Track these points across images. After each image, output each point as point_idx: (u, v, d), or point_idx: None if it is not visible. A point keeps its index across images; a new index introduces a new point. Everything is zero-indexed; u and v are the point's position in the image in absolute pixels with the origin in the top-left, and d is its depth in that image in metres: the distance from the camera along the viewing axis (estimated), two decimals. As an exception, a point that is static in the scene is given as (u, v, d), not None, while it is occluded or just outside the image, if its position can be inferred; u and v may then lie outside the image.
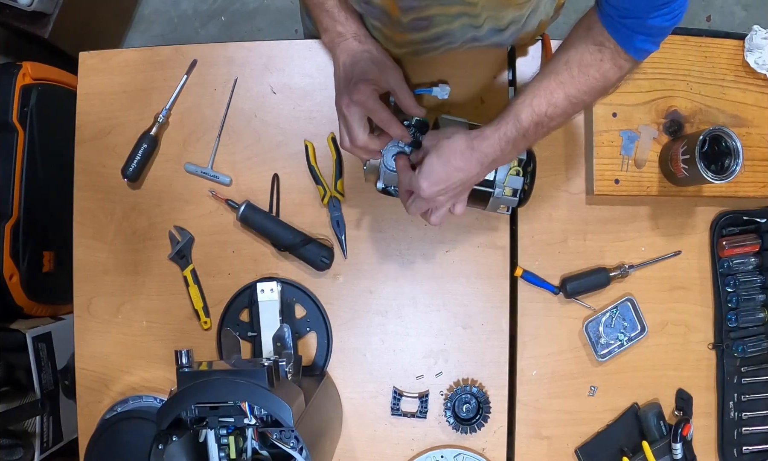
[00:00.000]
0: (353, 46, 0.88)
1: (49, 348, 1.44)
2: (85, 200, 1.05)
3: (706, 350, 1.03)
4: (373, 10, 0.85)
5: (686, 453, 0.97)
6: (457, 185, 0.79)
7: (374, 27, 0.91)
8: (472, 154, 0.77)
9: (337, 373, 1.03)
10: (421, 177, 0.78)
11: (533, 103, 0.75)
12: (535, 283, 1.02)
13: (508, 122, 0.76)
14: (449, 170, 0.77)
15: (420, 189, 0.79)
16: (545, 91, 0.75)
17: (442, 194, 0.79)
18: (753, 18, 2.08)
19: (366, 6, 0.85)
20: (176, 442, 0.77)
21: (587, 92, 0.76)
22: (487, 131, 0.77)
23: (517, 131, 0.76)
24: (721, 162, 0.93)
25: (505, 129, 0.76)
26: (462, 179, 0.78)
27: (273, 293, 0.98)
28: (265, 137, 1.04)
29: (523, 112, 0.75)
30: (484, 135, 0.77)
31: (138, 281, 1.04)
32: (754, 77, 1.02)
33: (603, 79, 0.75)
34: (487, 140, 0.77)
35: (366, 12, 0.88)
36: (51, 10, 1.66)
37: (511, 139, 0.76)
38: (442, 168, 0.78)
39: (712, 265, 1.03)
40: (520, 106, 0.76)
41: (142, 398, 1.01)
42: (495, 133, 0.77)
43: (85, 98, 1.06)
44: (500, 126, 0.76)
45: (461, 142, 0.77)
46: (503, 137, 0.76)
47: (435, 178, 0.78)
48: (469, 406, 1.00)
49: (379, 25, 0.89)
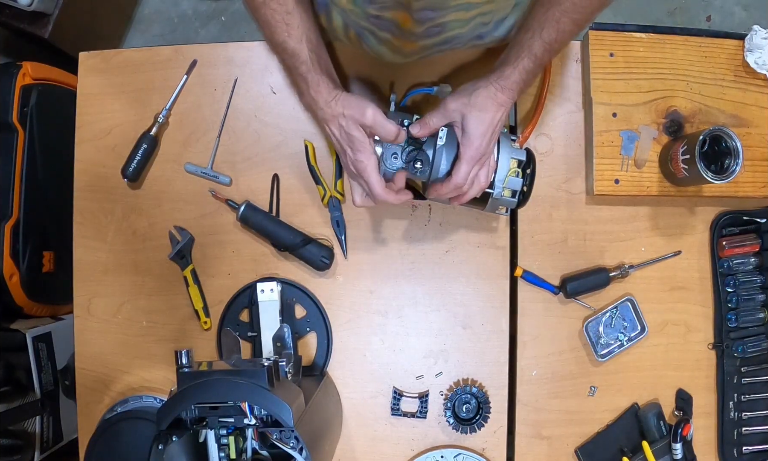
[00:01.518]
0: (336, 111, 0.83)
1: (49, 348, 1.44)
2: (85, 200, 1.05)
3: (706, 350, 1.03)
4: (383, 24, 0.86)
5: (686, 453, 0.97)
6: (497, 127, 0.82)
7: (382, 39, 0.91)
8: (502, 93, 0.81)
9: (337, 373, 1.03)
10: (473, 136, 0.81)
11: (543, 35, 0.79)
12: (535, 283, 1.02)
13: (524, 58, 0.80)
14: (490, 114, 0.81)
15: (477, 149, 0.81)
16: (551, 21, 0.79)
17: (492, 140, 0.83)
18: (753, 18, 2.08)
19: (375, 20, 0.85)
20: (176, 442, 0.77)
21: (592, 11, 0.79)
22: (506, 71, 0.81)
23: (533, 63, 0.81)
24: (721, 162, 0.93)
25: (523, 64, 0.80)
26: (500, 117, 0.82)
27: (273, 293, 0.98)
28: (265, 137, 1.04)
29: (536, 45, 0.80)
30: (505, 75, 0.81)
31: (138, 281, 1.04)
32: (754, 77, 1.02)
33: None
34: (510, 77, 0.81)
35: (375, 25, 0.88)
36: (51, 10, 1.66)
37: (530, 70, 0.81)
38: (484, 117, 0.80)
39: (712, 265, 1.03)
40: (532, 40, 0.80)
41: (142, 398, 1.01)
42: (514, 70, 0.81)
43: (85, 98, 1.06)
44: (517, 63, 0.80)
45: (490, 89, 0.81)
46: (522, 71, 0.81)
47: (482, 130, 0.81)
48: (469, 406, 1.00)
49: (389, 37, 0.89)
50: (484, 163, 0.84)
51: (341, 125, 0.82)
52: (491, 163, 0.86)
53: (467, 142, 0.81)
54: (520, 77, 0.81)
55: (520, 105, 1.05)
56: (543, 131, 1.04)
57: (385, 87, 1.04)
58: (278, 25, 0.81)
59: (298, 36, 0.81)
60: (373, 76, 1.04)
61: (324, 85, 0.82)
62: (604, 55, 1.00)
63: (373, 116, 0.80)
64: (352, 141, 0.82)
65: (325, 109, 0.83)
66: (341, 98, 0.82)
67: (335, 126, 0.83)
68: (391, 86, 1.04)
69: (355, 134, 0.81)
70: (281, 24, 0.81)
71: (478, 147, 0.81)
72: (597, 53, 1.00)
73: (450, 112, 0.82)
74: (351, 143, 0.82)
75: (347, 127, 0.81)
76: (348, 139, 0.82)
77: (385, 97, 1.03)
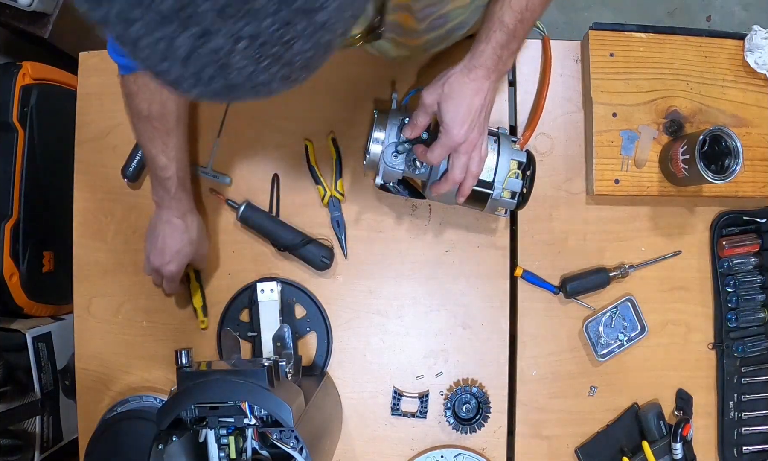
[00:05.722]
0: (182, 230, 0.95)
1: (49, 348, 1.44)
2: (85, 200, 1.05)
3: (706, 350, 1.03)
4: (386, 26, 0.85)
5: (686, 453, 0.97)
6: (480, 112, 0.80)
7: (387, 38, 0.90)
8: (476, 73, 0.78)
9: (337, 373, 1.03)
10: (449, 126, 0.79)
11: (512, 5, 0.76)
12: (535, 283, 1.02)
13: (495, 30, 0.77)
14: (467, 101, 0.78)
15: (453, 137, 0.79)
16: None
17: (472, 128, 0.80)
18: (753, 18, 2.08)
19: None
20: (176, 442, 0.77)
21: None
22: (479, 48, 0.78)
23: (506, 35, 0.77)
24: (721, 162, 0.93)
25: (494, 38, 0.77)
26: (480, 102, 0.79)
27: (273, 293, 0.98)
28: (265, 137, 1.04)
29: (506, 15, 0.76)
30: (477, 52, 0.78)
31: (138, 281, 1.04)
32: (754, 77, 1.02)
33: None
34: (483, 54, 0.77)
35: None
36: (51, 10, 1.65)
37: (504, 43, 0.77)
38: (460, 104, 0.78)
39: (712, 265, 1.03)
40: (501, 10, 0.76)
41: (142, 398, 1.01)
42: (487, 45, 0.77)
43: (85, 98, 1.06)
44: (489, 36, 0.77)
45: (461, 73, 0.78)
46: (496, 45, 0.77)
47: (461, 118, 0.78)
48: (469, 406, 1.00)
49: (393, 36, 0.89)
50: (472, 151, 0.82)
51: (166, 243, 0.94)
52: (483, 151, 0.83)
53: (444, 130, 0.79)
54: (494, 52, 0.77)
55: (520, 105, 1.05)
56: (543, 131, 1.04)
57: (386, 86, 1.04)
58: (156, 141, 0.88)
59: (171, 155, 0.89)
60: (374, 76, 1.04)
61: (176, 204, 0.93)
62: (604, 55, 1.00)
63: (169, 276, 0.94)
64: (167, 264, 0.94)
65: (172, 219, 0.93)
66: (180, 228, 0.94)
67: (162, 236, 0.94)
68: (393, 85, 1.04)
69: (174, 270, 0.94)
70: (158, 141, 0.88)
71: (456, 135, 0.79)
72: (597, 53, 1.00)
73: (428, 107, 0.81)
74: (165, 263, 0.94)
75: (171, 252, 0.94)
76: (165, 255, 0.94)
77: (386, 96, 1.03)
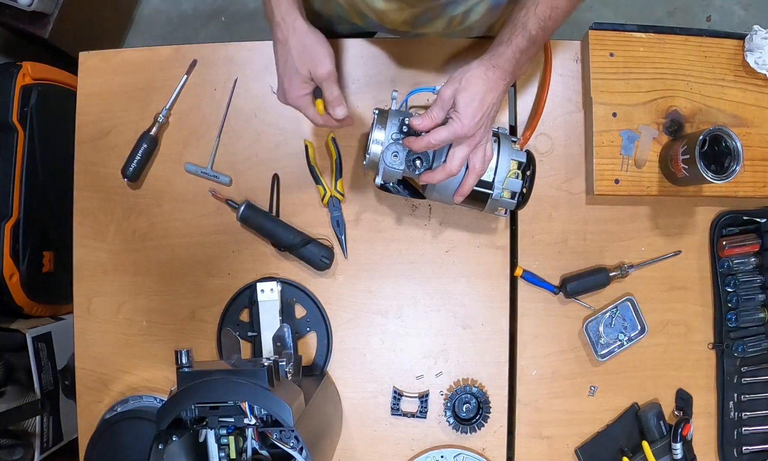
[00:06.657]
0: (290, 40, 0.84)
1: (49, 348, 1.44)
2: (85, 200, 1.05)
3: (706, 350, 1.03)
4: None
5: (686, 453, 0.97)
6: (490, 109, 0.82)
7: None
8: (494, 72, 0.80)
9: (337, 373, 1.03)
10: (462, 114, 0.80)
11: (537, 12, 0.79)
12: (535, 283, 1.02)
13: (518, 35, 0.80)
14: (481, 96, 0.80)
15: (464, 125, 0.80)
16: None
17: (481, 124, 0.81)
18: (753, 18, 2.08)
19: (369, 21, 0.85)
20: (176, 442, 0.77)
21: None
22: (500, 49, 0.81)
23: (527, 41, 0.80)
24: (721, 162, 0.93)
25: (516, 41, 0.80)
26: (492, 100, 0.81)
27: (273, 293, 0.98)
28: (265, 137, 1.04)
29: (530, 22, 0.79)
30: (498, 53, 0.81)
31: (138, 281, 1.04)
32: (754, 77, 1.02)
33: None
34: (503, 56, 0.80)
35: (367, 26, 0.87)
36: (51, 10, 1.66)
37: (524, 49, 0.80)
38: (475, 97, 0.80)
39: (712, 265, 1.03)
40: (526, 17, 0.80)
41: (142, 398, 1.01)
42: (508, 47, 0.80)
43: (85, 98, 1.06)
44: (511, 40, 0.80)
45: (480, 68, 0.80)
46: (516, 49, 0.80)
47: (474, 109, 0.80)
48: (469, 406, 1.00)
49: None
50: (478, 147, 0.83)
51: (292, 55, 0.82)
52: (487, 151, 0.84)
53: (456, 117, 0.80)
54: (513, 56, 0.80)
55: (520, 105, 1.05)
56: (543, 131, 1.04)
57: (386, 87, 1.04)
58: None
59: None
60: (375, 76, 1.04)
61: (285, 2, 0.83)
62: (604, 55, 1.00)
63: (327, 75, 0.81)
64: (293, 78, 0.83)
65: (281, 25, 0.83)
66: (300, 31, 0.82)
67: (284, 53, 0.83)
68: (393, 85, 1.04)
69: (302, 73, 0.82)
70: None
71: (467, 124, 0.80)
72: (597, 53, 1.00)
73: (446, 101, 0.81)
74: (291, 80, 0.83)
75: (298, 63, 0.81)
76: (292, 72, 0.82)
77: (386, 97, 1.04)
